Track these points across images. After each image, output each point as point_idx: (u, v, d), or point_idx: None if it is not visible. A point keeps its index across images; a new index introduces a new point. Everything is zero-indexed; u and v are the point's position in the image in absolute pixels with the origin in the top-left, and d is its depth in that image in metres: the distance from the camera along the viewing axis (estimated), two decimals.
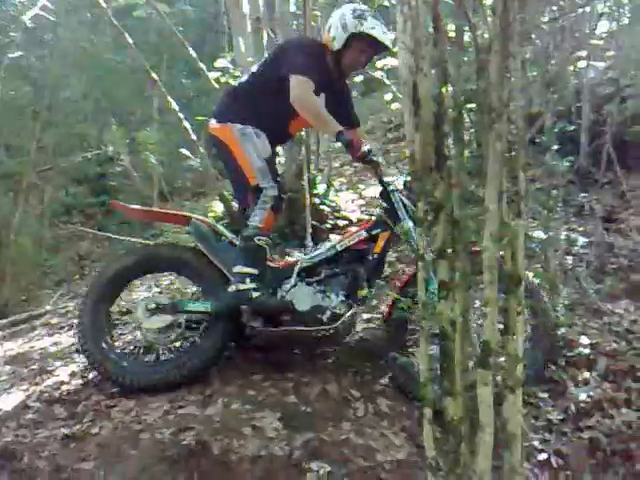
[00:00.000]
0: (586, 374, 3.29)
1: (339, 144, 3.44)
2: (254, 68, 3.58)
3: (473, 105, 2.01)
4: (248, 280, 3.26)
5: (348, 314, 3.29)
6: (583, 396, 3.13)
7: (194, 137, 5.35)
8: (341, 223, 5.32)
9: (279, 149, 4.46)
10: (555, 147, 4.35)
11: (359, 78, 5.75)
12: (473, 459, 1.72)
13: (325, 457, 2.73)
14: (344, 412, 3.06)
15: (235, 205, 4.47)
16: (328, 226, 5.21)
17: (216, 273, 3.43)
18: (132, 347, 3.64)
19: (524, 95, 1.84)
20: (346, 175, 6.76)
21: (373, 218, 3.61)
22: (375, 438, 2.87)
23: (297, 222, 4.99)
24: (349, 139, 3.22)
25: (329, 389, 3.22)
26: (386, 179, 3.44)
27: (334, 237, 4.71)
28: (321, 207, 5.24)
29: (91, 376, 3.51)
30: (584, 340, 3.54)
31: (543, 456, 2.77)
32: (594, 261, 4.68)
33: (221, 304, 3.33)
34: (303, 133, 4.94)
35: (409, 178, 3.34)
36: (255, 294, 3.25)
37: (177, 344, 3.46)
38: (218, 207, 5.62)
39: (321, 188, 5.40)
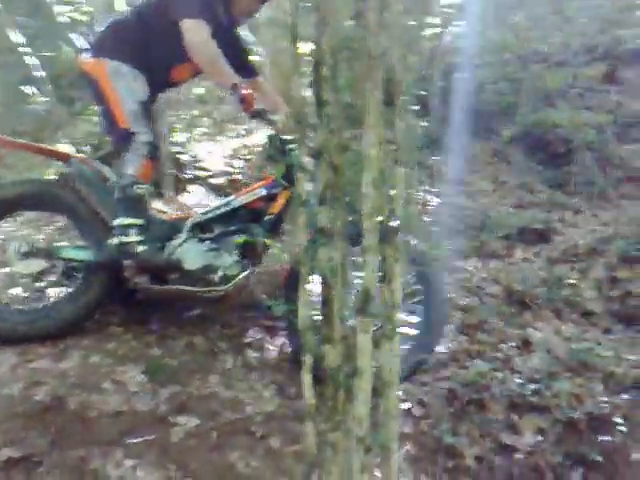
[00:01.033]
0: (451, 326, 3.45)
1: (200, 91, 3.26)
2: (139, 3, 3.27)
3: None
4: (132, 232, 3.03)
5: (241, 276, 3.13)
6: (441, 348, 3.27)
7: (41, 74, 4.93)
8: (202, 174, 5.17)
9: None
10: (414, 108, 4.48)
11: None
12: (352, 406, 1.73)
13: (192, 411, 2.66)
14: (211, 365, 3.00)
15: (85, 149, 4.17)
16: (188, 177, 5.04)
17: (100, 219, 3.16)
18: None
19: (401, 44, 1.83)
20: (206, 125, 6.56)
21: (273, 176, 3.37)
22: (244, 391, 2.83)
23: (155, 171, 4.78)
24: (243, 94, 2.99)
25: (195, 342, 3.14)
26: (286, 137, 3.21)
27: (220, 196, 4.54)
28: (181, 157, 5.05)
29: None
30: None
31: (406, 405, 2.86)
32: (446, 221, 4.90)
33: (102, 256, 3.08)
34: None
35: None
36: (140, 248, 3.03)
37: (51, 292, 3.21)
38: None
39: (181, 137, 5.20)
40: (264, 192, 3.24)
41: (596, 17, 8.53)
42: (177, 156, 4.98)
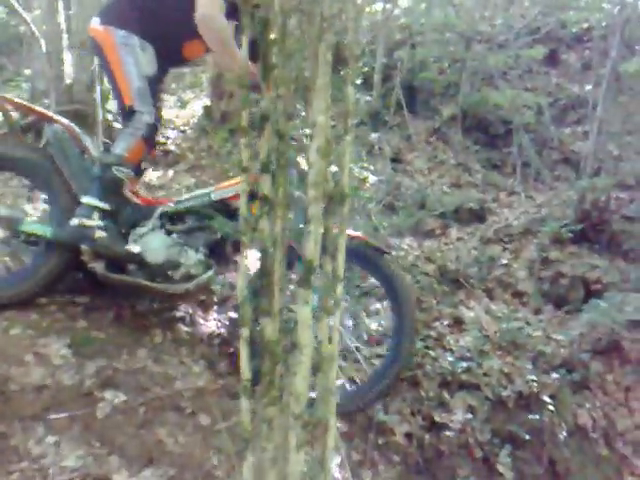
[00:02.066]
0: (377, 305, 3.44)
1: None
2: None
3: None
4: (96, 216, 2.83)
5: (205, 276, 2.92)
6: (374, 325, 3.27)
7: None
8: None
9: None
10: (358, 82, 4.43)
11: None
12: (290, 381, 1.69)
13: (119, 386, 2.58)
14: (140, 339, 2.90)
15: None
16: None
17: (70, 193, 2.94)
18: None
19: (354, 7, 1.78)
20: None
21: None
22: (174, 366, 2.77)
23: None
24: (255, 82, 2.84)
25: (123, 315, 3.04)
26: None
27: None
28: (114, 123, 4.88)
29: None
30: None
31: (338, 382, 2.85)
32: (383, 199, 4.89)
33: (60, 235, 2.87)
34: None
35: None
36: (100, 234, 2.82)
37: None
38: None
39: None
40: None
41: (540, 1, 8.61)
42: (110, 123, 4.82)
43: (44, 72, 4.98)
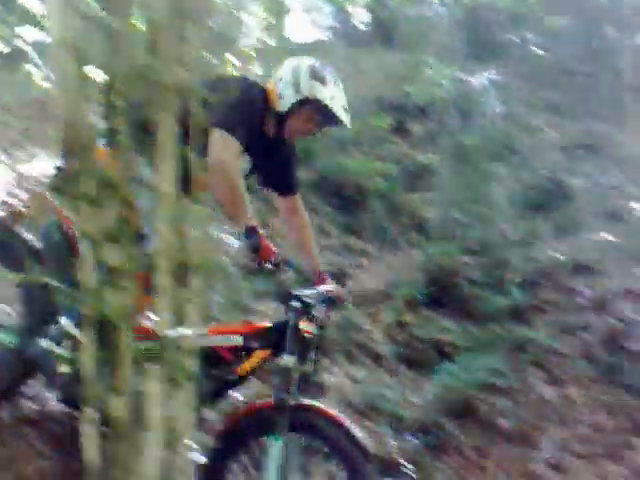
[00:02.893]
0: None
1: None
2: None
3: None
4: (68, 344, 2.44)
5: None
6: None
7: None
8: None
9: None
10: None
11: None
12: (138, 460, 1.60)
13: None
14: None
15: None
16: None
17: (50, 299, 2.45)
18: None
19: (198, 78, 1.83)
20: None
21: (264, 323, 2.67)
22: (20, 447, 2.56)
23: None
24: (259, 243, 2.49)
25: None
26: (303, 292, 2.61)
27: None
28: None
29: None
30: None
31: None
32: (246, 263, 4.87)
33: (23, 352, 2.57)
34: None
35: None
36: (64, 369, 2.43)
37: None
38: None
39: None
40: (240, 341, 2.55)
41: (386, 72, 9.07)
42: None
43: None
